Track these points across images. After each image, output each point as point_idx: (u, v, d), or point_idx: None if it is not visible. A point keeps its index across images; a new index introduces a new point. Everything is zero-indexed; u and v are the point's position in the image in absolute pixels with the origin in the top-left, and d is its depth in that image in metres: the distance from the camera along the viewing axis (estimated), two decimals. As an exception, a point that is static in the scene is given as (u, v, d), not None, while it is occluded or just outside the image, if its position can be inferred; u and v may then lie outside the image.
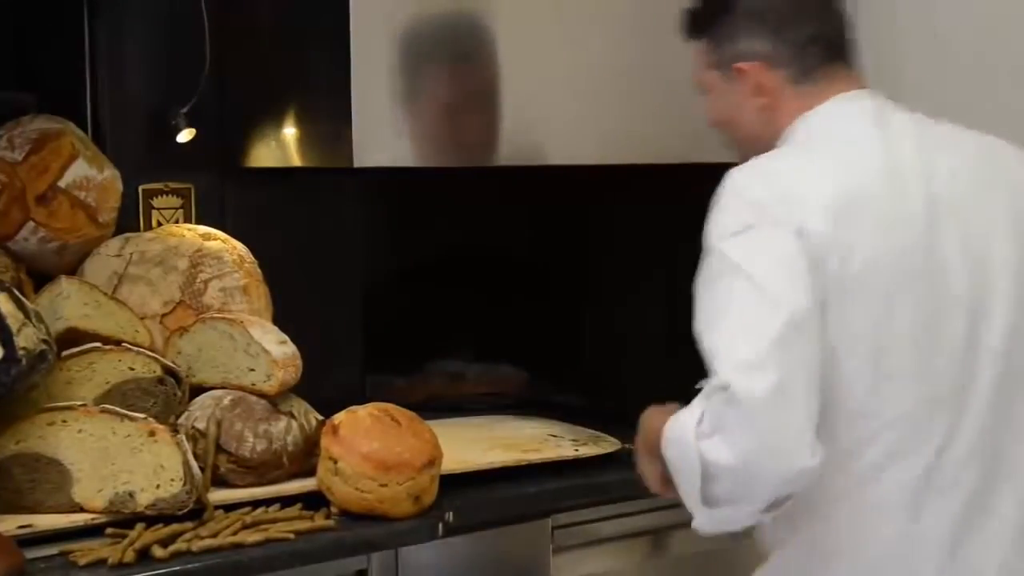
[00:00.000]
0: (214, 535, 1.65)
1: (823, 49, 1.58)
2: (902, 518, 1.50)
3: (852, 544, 1.51)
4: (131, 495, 1.68)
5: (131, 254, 2.04)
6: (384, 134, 2.01)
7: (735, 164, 1.62)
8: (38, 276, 2.00)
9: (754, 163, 1.54)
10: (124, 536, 1.63)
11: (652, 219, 2.60)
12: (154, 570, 1.58)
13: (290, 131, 2.15)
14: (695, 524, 1.50)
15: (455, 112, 2.08)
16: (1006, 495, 1.53)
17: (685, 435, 1.45)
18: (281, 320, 2.03)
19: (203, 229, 2.11)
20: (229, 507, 1.75)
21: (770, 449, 1.40)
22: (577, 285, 2.74)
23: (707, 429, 1.42)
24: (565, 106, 2.16)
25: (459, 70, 2.07)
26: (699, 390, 1.47)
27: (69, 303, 1.89)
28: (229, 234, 2.11)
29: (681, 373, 1.55)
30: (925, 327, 1.49)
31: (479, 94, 2.09)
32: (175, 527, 1.65)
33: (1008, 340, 1.52)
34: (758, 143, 1.60)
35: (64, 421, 1.71)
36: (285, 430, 1.84)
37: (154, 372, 1.85)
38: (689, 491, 1.47)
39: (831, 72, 1.58)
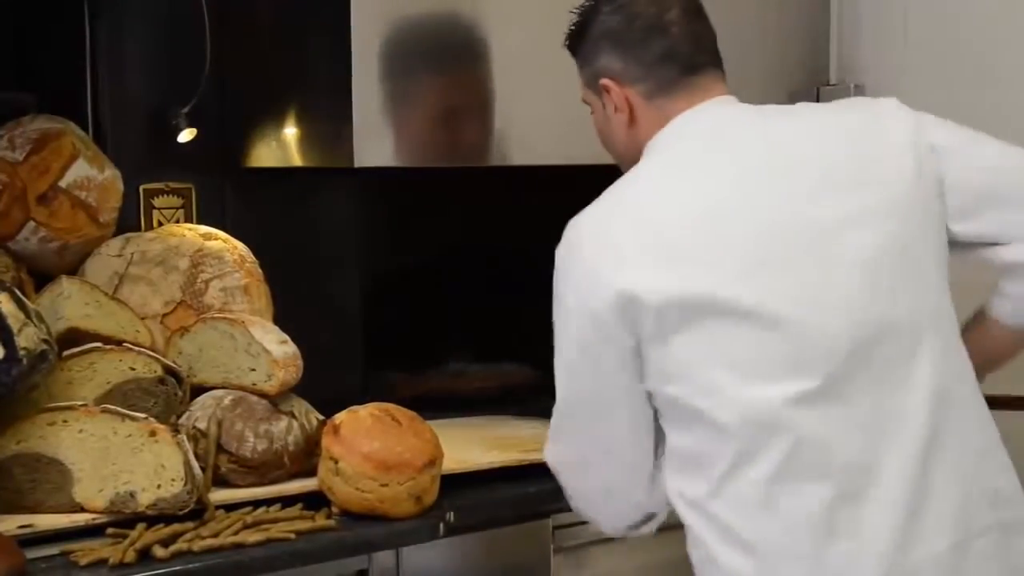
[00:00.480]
0: (215, 535, 1.65)
1: (676, 65, 1.62)
2: (761, 515, 1.49)
3: (727, 549, 1.52)
4: (132, 495, 1.69)
5: (132, 254, 2.04)
6: (384, 134, 2.01)
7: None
8: (39, 276, 2.00)
9: (579, 219, 1.62)
10: (125, 536, 1.63)
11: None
12: (155, 570, 1.58)
13: (291, 131, 2.15)
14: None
15: (455, 112, 2.08)
16: (888, 466, 1.48)
17: None
18: (282, 320, 2.03)
19: (204, 229, 2.12)
20: (230, 507, 1.75)
21: (580, 508, 1.70)
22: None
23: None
24: (565, 106, 2.16)
25: (459, 70, 2.07)
26: None
27: (70, 303, 1.89)
28: (230, 234, 2.11)
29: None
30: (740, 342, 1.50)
31: (479, 94, 2.09)
32: (176, 527, 1.65)
33: (857, 323, 1.50)
34: (629, 158, 1.67)
35: (65, 421, 1.71)
36: (286, 430, 1.84)
37: (155, 372, 1.85)
38: None
39: (689, 85, 1.62)
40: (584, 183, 2.58)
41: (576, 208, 1.66)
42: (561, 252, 1.60)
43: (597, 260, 1.54)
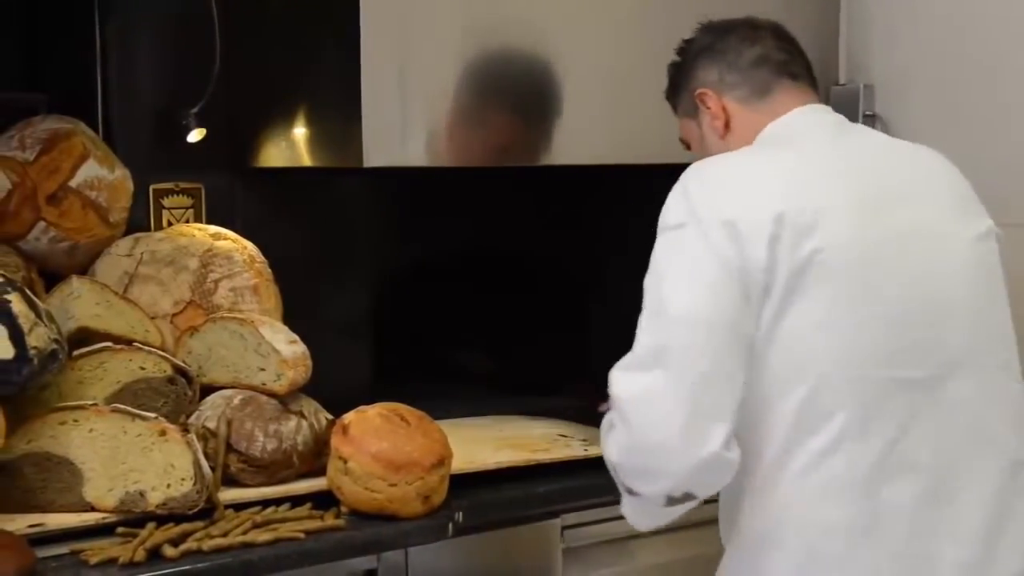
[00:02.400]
0: (224, 534, 1.65)
1: (770, 68, 1.69)
2: (856, 498, 1.49)
3: (798, 530, 1.51)
4: (142, 494, 1.69)
5: (142, 254, 2.05)
6: (394, 134, 2.02)
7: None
8: (49, 276, 2.00)
9: (708, 159, 1.62)
10: (135, 535, 1.64)
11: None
12: (164, 569, 1.58)
13: (300, 131, 2.15)
14: (625, 515, 1.63)
15: (465, 112, 2.08)
16: (973, 479, 1.52)
17: (601, 431, 1.60)
18: (291, 320, 2.03)
19: (213, 229, 2.12)
20: (239, 506, 1.75)
21: (642, 448, 1.50)
22: (587, 285, 2.74)
23: (604, 430, 1.58)
24: (575, 106, 2.16)
25: (469, 69, 2.07)
26: None
27: (80, 303, 1.90)
28: (239, 234, 2.12)
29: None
30: (877, 316, 1.51)
31: (489, 94, 2.09)
32: (185, 526, 1.66)
33: (970, 330, 1.55)
34: None
35: (75, 420, 1.71)
36: (295, 430, 1.85)
37: (165, 372, 1.85)
38: (618, 484, 1.59)
39: (783, 89, 1.69)
40: (595, 183, 2.59)
41: (587, 207, 1.66)
42: (696, 177, 1.58)
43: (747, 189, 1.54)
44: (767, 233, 1.48)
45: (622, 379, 1.53)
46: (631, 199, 2.65)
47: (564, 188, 2.58)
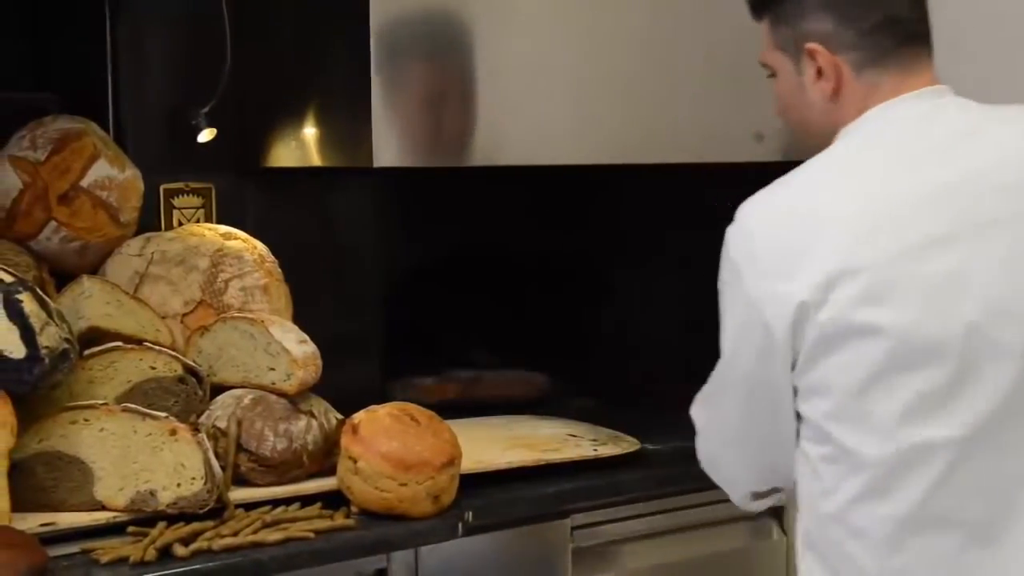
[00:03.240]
0: (234, 534, 1.65)
1: (896, 33, 1.48)
2: (883, 552, 1.42)
3: (835, 566, 1.46)
4: (152, 494, 1.69)
5: (152, 253, 2.05)
6: (403, 134, 2.02)
7: (750, 164, 1.61)
8: (60, 275, 2.01)
9: (761, 199, 1.49)
10: (145, 534, 1.64)
11: (667, 219, 2.60)
12: (175, 568, 1.58)
13: (310, 131, 2.16)
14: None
15: (474, 113, 2.08)
16: (1013, 531, 1.41)
17: None
18: (301, 319, 2.04)
19: (224, 229, 2.12)
20: (249, 506, 1.75)
21: (710, 471, 1.64)
22: (593, 286, 2.74)
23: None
24: (582, 107, 2.16)
25: (479, 71, 2.07)
26: None
27: (91, 302, 1.90)
28: (249, 234, 2.12)
29: (696, 373, 1.56)
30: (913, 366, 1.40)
31: (499, 95, 2.09)
32: (196, 525, 1.66)
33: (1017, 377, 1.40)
34: (818, 133, 1.54)
35: (86, 420, 1.72)
36: (305, 429, 1.85)
37: (175, 371, 1.85)
38: None
39: (903, 60, 1.49)
40: (603, 184, 2.59)
41: (594, 209, 1.66)
42: (735, 238, 1.48)
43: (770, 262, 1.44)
44: (791, 318, 1.40)
45: (694, 404, 1.62)
46: (638, 200, 2.65)
47: (573, 189, 2.58)
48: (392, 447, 1.77)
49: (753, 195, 1.49)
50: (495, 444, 2.06)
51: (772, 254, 1.44)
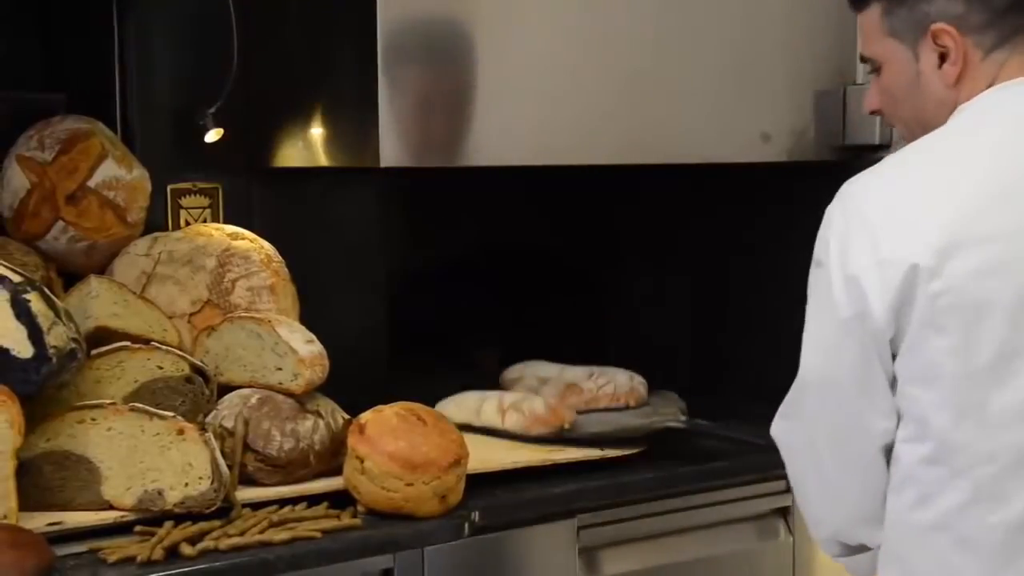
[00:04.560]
0: (241, 533, 1.66)
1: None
2: (992, 564, 1.33)
3: None
4: (160, 493, 1.69)
5: (160, 253, 2.06)
6: (410, 134, 2.02)
7: (758, 165, 1.59)
8: (68, 275, 2.01)
9: (862, 180, 1.41)
10: (153, 534, 1.64)
11: (676, 218, 2.60)
12: (182, 568, 1.58)
13: (317, 131, 2.16)
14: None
15: (481, 113, 2.08)
16: None
17: None
18: (308, 319, 2.04)
19: (231, 229, 2.12)
20: (256, 505, 1.75)
21: (800, 495, 1.48)
22: (601, 284, 2.74)
23: None
24: (587, 107, 2.16)
25: (485, 71, 2.07)
26: None
27: (98, 302, 1.91)
28: (256, 233, 2.12)
29: (703, 373, 1.56)
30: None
31: (505, 95, 2.09)
32: (203, 525, 1.66)
33: None
34: (933, 127, 1.45)
35: (93, 419, 1.72)
36: (312, 429, 1.85)
37: (182, 371, 1.86)
38: None
39: None
40: (609, 184, 2.59)
41: (602, 207, 1.65)
42: (838, 214, 1.39)
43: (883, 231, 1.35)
44: (899, 286, 1.32)
45: (775, 421, 1.48)
46: (646, 199, 2.65)
47: (580, 188, 2.58)
48: (399, 447, 1.77)
49: (858, 175, 1.42)
50: (501, 444, 2.06)
51: (883, 224, 1.34)
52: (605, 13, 2.16)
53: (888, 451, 1.39)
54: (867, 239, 1.35)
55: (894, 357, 1.36)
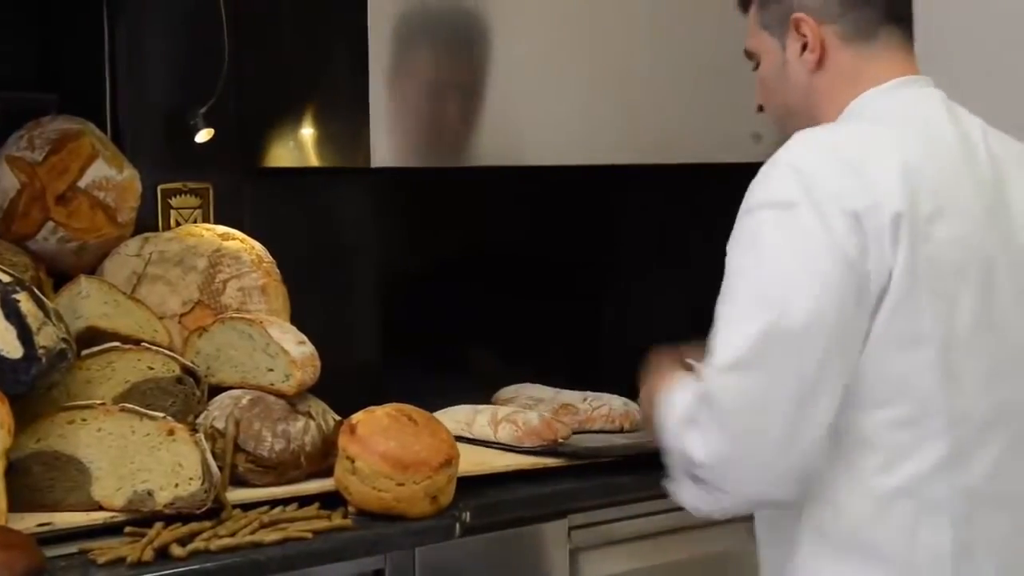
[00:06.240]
0: (232, 534, 1.65)
1: (878, 8, 1.51)
2: (949, 526, 1.36)
3: (895, 549, 1.38)
4: (150, 494, 1.69)
5: (150, 254, 2.05)
6: (402, 134, 2.02)
7: (754, 164, 1.59)
8: (58, 275, 2.01)
9: (817, 131, 1.46)
10: (143, 535, 1.64)
11: (670, 218, 2.61)
12: (172, 569, 1.58)
13: (308, 131, 2.16)
14: (682, 499, 1.47)
15: (472, 112, 2.08)
16: None
17: (669, 421, 1.46)
18: (299, 320, 2.04)
19: (222, 229, 2.12)
20: (247, 506, 1.75)
21: (741, 455, 1.37)
22: (595, 284, 2.74)
23: (685, 420, 1.42)
24: (583, 106, 2.16)
25: (477, 70, 2.07)
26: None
27: (88, 302, 1.90)
28: (247, 234, 2.12)
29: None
30: (996, 326, 1.39)
31: (497, 95, 2.09)
32: (193, 526, 1.66)
33: None
34: (799, 115, 1.53)
35: (83, 420, 1.72)
36: (303, 430, 1.85)
37: (173, 371, 1.85)
38: (677, 467, 1.46)
39: (888, 35, 1.51)
40: (603, 184, 2.59)
41: (596, 207, 1.65)
42: (783, 170, 1.40)
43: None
44: (891, 230, 1.34)
45: (718, 379, 1.37)
46: (640, 199, 2.65)
47: (573, 189, 2.58)
48: (390, 447, 1.77)
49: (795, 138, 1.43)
50: (493, 452, 2.05)
51: (861, 165, 1.37)
52: (597, 15, 2.17)
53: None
54: (856, 180, 1.36)
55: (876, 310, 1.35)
